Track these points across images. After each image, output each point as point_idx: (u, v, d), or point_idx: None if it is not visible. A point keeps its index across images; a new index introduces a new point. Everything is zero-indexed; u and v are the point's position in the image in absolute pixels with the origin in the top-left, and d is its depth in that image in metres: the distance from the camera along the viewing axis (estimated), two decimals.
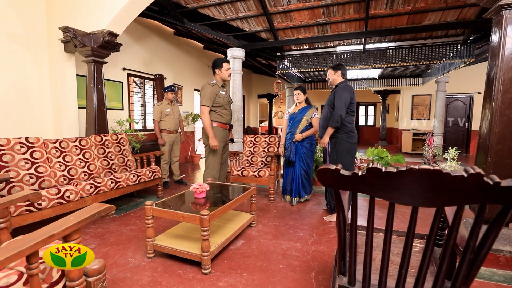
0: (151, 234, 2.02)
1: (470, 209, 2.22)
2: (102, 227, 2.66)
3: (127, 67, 4.97)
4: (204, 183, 2.29)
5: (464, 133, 8.66)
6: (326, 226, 2.72)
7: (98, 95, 3.47)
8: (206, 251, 1.81)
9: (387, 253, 0.97)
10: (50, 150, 2.77)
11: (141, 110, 5.50)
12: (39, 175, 2.56)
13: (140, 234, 2.49)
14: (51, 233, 0.99)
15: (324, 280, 1.79)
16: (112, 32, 3.32)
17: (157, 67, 5.76)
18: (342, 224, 1.05)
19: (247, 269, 1.91)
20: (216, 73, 2.99)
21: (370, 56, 4.62)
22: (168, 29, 6.10)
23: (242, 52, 4.68)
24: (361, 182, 0.89)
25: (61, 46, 3.61)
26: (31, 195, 1.49)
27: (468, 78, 8.09)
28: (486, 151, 1.95)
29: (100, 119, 3.52)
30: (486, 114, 1.99)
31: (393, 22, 3.94)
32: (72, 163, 2.93)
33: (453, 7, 3.50)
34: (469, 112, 8.54)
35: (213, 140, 2.89)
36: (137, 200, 3.54)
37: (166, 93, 4.24)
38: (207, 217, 1.78)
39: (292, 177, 3.35)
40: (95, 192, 2.71)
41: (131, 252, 2.14)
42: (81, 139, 3.13)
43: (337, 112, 2.61)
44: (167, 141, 4.23)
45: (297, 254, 2.14)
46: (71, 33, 3.12)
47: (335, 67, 2.90)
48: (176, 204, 2.20)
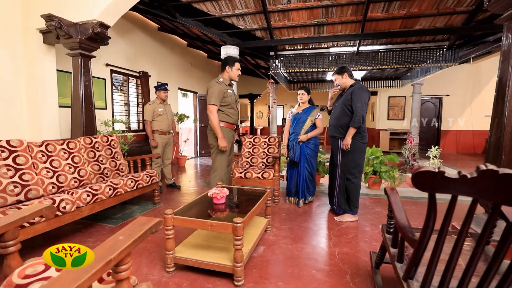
0: (172, 246, 1.83)
1: (481, 205, 2.33)
2: (101, 239, 2.38)
3: (110, 63, 4.57)
4: (223, 188, 2.14)
5: (434, 132, 9.34)
6: (339, 227, 2.70)
7: (85, 92, 3.13)
8: (239, 262, 1.68)
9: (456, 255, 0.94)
10: (35, 155, 2.42)
11: (125, 110, 5.10)
12: (25, 184, 2.22)
13: (148, 245, 2.26)
14: (106, 259, 0.82)
15: (362, 283, 1.75)
16: (103, 23, 3.01)
17: (141, 64, 5.39)
18: (430, 228, 1.00)
19: (279, 278, 1.80)
20: (226, 71, 2.84)
21: (362, 57, 4.75)
22: (152, 24, 5.75)
23: (236, 50, 4.55)
24: (469, 185, 0.85)
25: (39, 36, 3.20)
26: (45, 209, 1.25)
27: (437, 81, 8.72)
28: (500, 150, 2.05)
29: (88, 119, 3.17)
30: (498, 115, 2.10)
31: (387, 25, 4.08)
32: (61, 169, 2.59)
33: (443, 14, 3.71)
34: (439, 113, 9.22)
35: (222, 141, 2.73)
36: (132, 208, 3.25)
37: (158, 91, 3.97)
38: (241, 225, 1.65)
39: (298, 178, 3.31)
40: (92, 201, 2.42)
41: (146, 267, 1.93)
42: (69, 142, 2.78)
43: (359, 112, 2.62)
44: (159, 143, 3.95)
45: (323, 257, 2.09)
46: (56, 22, 2.77)
47: (339, 72, 2.90)
48: (195, 211, 2.02)
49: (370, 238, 2.42)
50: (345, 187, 2.84)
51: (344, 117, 2.81)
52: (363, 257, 2.09)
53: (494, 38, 4.22)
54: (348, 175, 2.80)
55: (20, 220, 1.14)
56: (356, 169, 2.79)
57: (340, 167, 2.85)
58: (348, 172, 2.80)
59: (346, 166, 2.81)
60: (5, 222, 1.11)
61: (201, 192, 4.00)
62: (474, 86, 8.81)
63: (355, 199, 2.81)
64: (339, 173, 2.87)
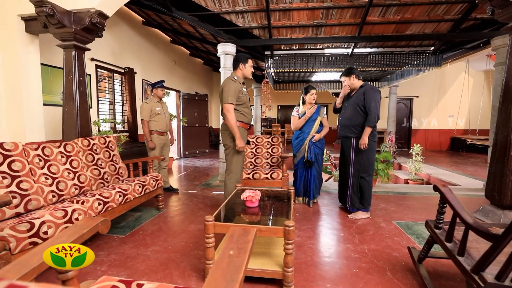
0: (213, 255, 1.70)
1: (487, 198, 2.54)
2: (115, 252, 2.15)
3: (95, 57, 4.17)
4: (256, 191, 2.05)
5: (406, 131, 10.05)
6: (356, 224, 2.76)
7: (80, 89, 2.81)
8: (290, 267, 1.61)
9: None
10: (32, 159, 2.11)
11: (109, 109, 4.70)
12: (24, 193, 1.92)
13: (172, 255, 2.09)
14: (236, 278, 0.72)
15: (404, 278, 1.79)
16: (102, 13, 2.73)
17: (126, 60, 5.01)
18: None
19: (325, 279, 1.78)
20: (239, 69, 2.74)
21: (355, 59, 4.92)
22: (137, 18, 5.38)
23: (234, 48, 4.43)
24: None
25: (21, 24, 2.81)
26: (101, 223, 1.07)
27: (408, 83, 9.37)
28: (507, 146, 2.25)
29: (83, 119, 2.86)
30: (504, 115, 2.30)
31: (381, 29, 4.27)
32: (60, 175, 2.29)
33: (433, 21, 3.98)
34: (410, 113, 9.94)
35: (240, 141, 2.63)
36: (134, 215, 2.99)
37: (155, 89, 3.71)
38: (293, 228, 1.59)
39: (309, 178, 3.31)
40: (104, 210, 2.17)
41: (181, 279, 1.78)
42: (66, 144, 2.48)
43: (374, 112, 2.68)
44: (157, 144, 3.70)
45: (356, 255, 2.11)
46: (49, 9, 2.44)
47: (347, 73, 2.96)
48: (231, 216, 1.91)
49: (389, 234, 2.50)
50: (359, 185, 2.90)
51: (357, 117, 2.86)
52: (393, 252, 2.14)
53: (471, 46, 4.64)
54: (362, 174, 2.87)
55: (79, 238, 0.97)
56: (370, 167, 2.87)
57: (354, 166, 2.91)
58: (362, 170, 2.87)
59: (360, 165, 2.87)
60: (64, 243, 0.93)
61: (202, 195, 3.83)
62: (440, 88, 9.65)
63: (369, 196, 2.89)
64: (353, 172, 2.93)
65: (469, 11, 3.69)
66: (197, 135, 8.12)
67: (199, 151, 8.19)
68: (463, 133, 9.68)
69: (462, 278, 1.79)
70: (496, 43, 3.77)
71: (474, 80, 9.45)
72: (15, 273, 0.76)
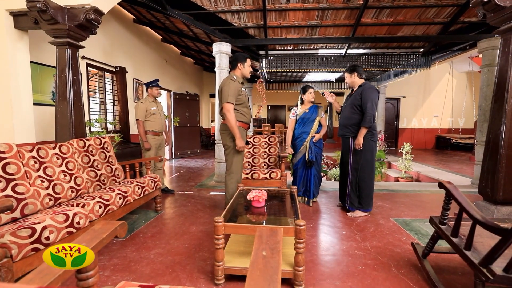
0: (222, 256, 1.68)
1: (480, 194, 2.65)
2: (117, 256, 2.08)
3: (86, 55, 4.03)
4: (262, 190, 2.05)
5: (393, 130, 10.33)
6: (356, 222, 2.81)
7: (74, 88, 2.71)
8: (301, 266, 1.62)
9: None
10: (27, 162, 2.01)
11: (100, 109, 4.55)
12: (20, 197, 1.83)
13: (176, 258, 2.05)
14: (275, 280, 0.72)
15: (409, 273, 1.84)
16: (98, 9, 2.64)
17: (117, 58, 4.88)
18: None
19: (334, 277, 1.80)
20: (238, 68, 2.72)
21: (348, 60, 5.01)
22: (128, 15, 5.25)
23: (229, 47, 4.40)
24: None
25: (10, 20, 2.68)
26: (119, 227, 1.04)
27: (396, 84, 9.64)
28: (500, 144, 2.35)
29: (77, 119, 2.75)
30: (497, 114, 2.41)
31: (374, 31, 4.37)
32: (56, 177, 2.20)
33: (424, 23, 4.11)
34: (397, 113, 10.23)
35: (240, 141, 2.61)
36: (131, 217, 2.91)
37: (150, 88, 3.63)
38: (304, 227, 1.60)
39: (309, 177, 3.34)
40: (104, 213, 2.10)
41: (189, 282, 1.74)
42: (61, 145, 2.38)
43: (370, 112, 2.71)
44: (153, 145, 3.62)
45: (360, 252, 2.14)
46: (42, 4, 2.33)
47: (350, 70, 2.99)
48: (239, 217, 1.90)
49: (389, 231, 2.56)
50: (357, 185, 2.94)
51: (354, 116, 2.90)
52: (395, 249, 2.20)
53: (458, 48, 4.83)
54: (361, 173, 2.91)
55: (99, 244, 0.93)
56: (368, 167, 2.91)
57: (352, 165, 2.95)
58: (360, 170, 2.91)
59: (358, 164, 2.91)
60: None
61: (199, 196, 3.78)
62: (425, 89, 9.98)
63: (367, 197, 2.92)
64: (351, 171, 2.97)
65: (458, 15, 3.84)
66: (188, 135, 8.01)
67: (191, 152, 8.09)
68: (447, 132, 10.06)
69: (464, 271, 1.86)
70: (482, 46, 3.94)
71: (457, 81, 9.84)
72: (40, 282, 0.72)
